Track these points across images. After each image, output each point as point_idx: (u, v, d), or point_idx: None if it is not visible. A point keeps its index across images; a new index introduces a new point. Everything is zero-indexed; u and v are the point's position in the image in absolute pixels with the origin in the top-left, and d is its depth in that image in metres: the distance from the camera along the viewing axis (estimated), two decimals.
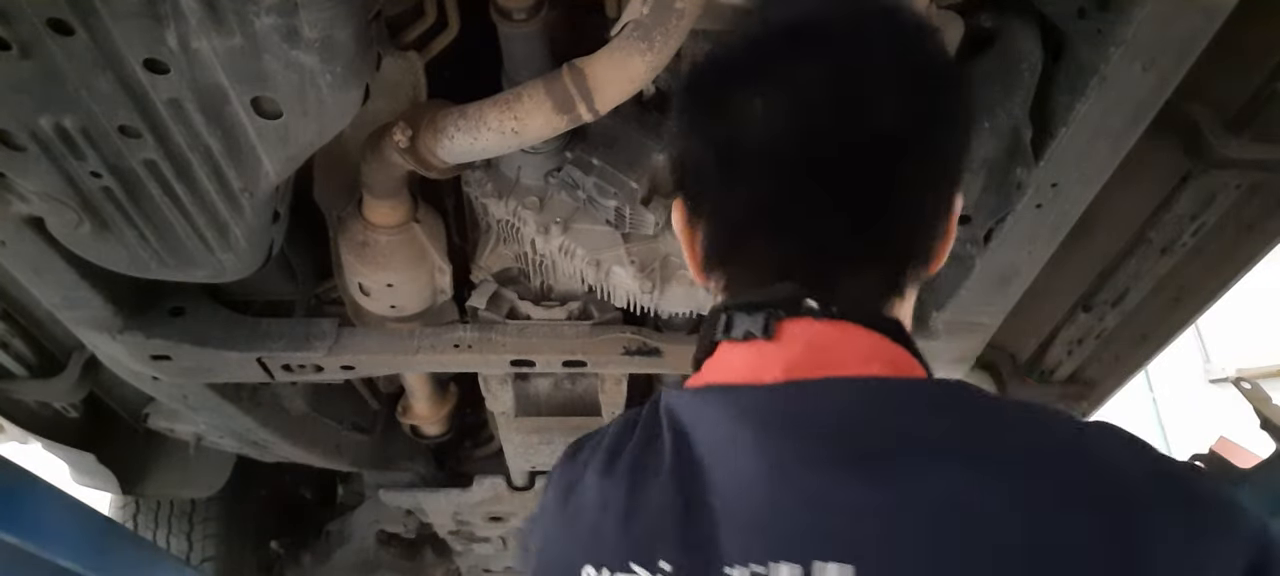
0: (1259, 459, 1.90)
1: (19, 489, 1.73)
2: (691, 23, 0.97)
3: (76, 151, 0.98)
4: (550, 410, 2.05)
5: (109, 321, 1.43)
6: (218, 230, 1.15)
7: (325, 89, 0.90)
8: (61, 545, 1.75)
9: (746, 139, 0.72)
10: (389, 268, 1.43)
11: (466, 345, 1.63)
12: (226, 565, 2.84)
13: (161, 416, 2.13)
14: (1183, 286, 1.91)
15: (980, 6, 1.18)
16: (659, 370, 1.78)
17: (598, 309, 1.66)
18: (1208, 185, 1.63)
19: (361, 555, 3.03)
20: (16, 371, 1.79)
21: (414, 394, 2.16)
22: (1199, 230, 1.74)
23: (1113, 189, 1.27)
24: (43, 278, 1.29)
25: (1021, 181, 1.22)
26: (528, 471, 2.48)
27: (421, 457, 2.56)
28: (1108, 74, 1.03)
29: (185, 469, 2.39)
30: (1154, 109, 1.11)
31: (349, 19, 0.85)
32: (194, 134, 0.97)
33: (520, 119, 1.08)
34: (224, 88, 0.90)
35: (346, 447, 2.29)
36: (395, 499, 2.60)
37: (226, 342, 1.55)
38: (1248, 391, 1.99)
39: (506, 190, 1.43)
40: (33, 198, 1.06)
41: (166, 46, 0.85)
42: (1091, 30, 1.04)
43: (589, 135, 1.35)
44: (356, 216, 1.39)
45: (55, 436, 2.08)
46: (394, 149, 1.15)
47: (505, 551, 3.01)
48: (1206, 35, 0.99)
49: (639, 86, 1.04)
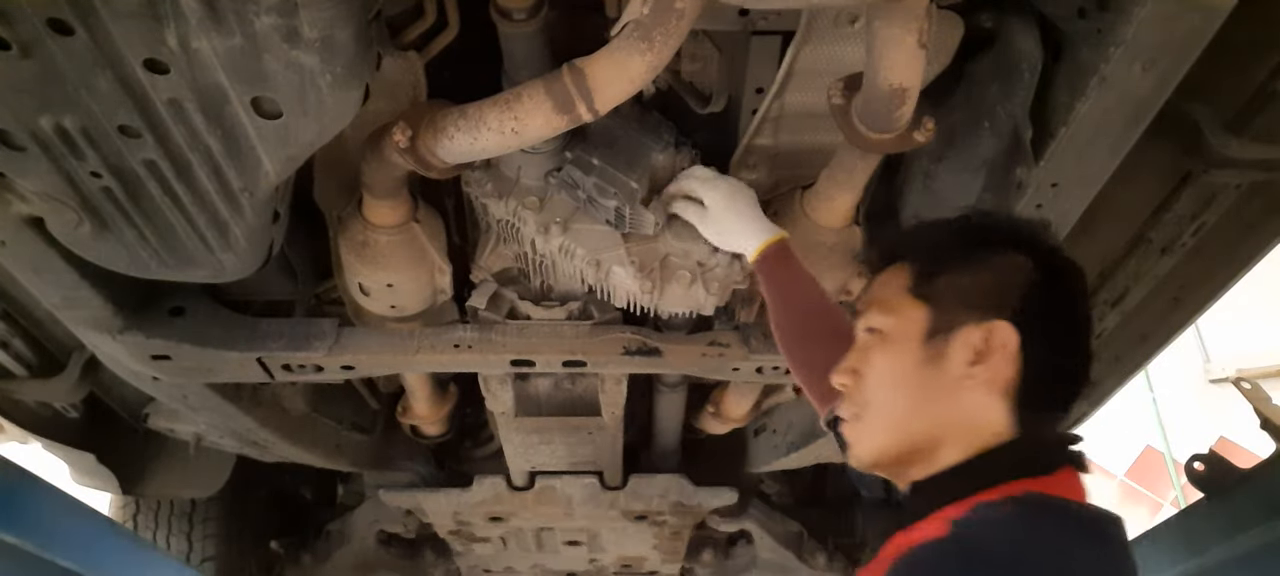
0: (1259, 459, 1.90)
1: (19, 489, 1.73)
2: (691, 23, 0.97)
3: (76, 151, 0.98)
4: (550, 410, 2.05)
5: (109, 321, 1.43)
6: (218, 230, 1.15)
7: (325, 89, 0.90)
8: (61, 545, 1.75)
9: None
10: (389, 268, 1.43)
11: (466, 345, 1.63)
12: (226, 565, 2.84)
13: (161, 416, 2.13)
14: (1183, 286, 1.91)
15: (980, 6, 1.18)
16: (659, 370, 1.78)
17: (598, 309, 1.66)
18: (1208, 185, 1.63)
19: (361, 555, 3.03)
20: (16, 371, 1.79)
21: (414, 394, 2.16)
22: (1199, 230, 1.74)
23: (1113, 189, 1.27)
24: (43, 278, 1.29)
25: (1021, 181, 1.22)
26: (528, 471, 2.48)
27: (421, 457, 2.56)
28: (1108, 74, 1.03)
29: (185, 469, 2.39)
30: (1154, 109, 1.11)
31: (349, 19, 0.85)
32: (194, 134, 0.97)
33: (520, 119, 1.08)
34: (224, 88, 0.91)
35: (346, 447, 2.29)
36: (395, 499, 2.60)
37: (226, 342, 1.55)
38: (1248, 391, 1.99)
39: (506, 190, 1.43)
40: (33, 198, 1.06)
41: (166, 46, 0.85)
42: (1091, 30, 1.04)
43: (589, 135, 1.35)
44: (356, 216, 1.39)
45: (55, 436, 2.08)
46: (394, 149, 1.15)
47: (505, 551, 3.01)
48: (1206, 35, 0.99)
49: (639, 86, 1.04)
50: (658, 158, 1.37)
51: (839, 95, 1.15)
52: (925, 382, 0.89)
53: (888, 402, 0.92)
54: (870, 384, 0.94)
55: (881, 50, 0.99)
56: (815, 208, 1.37)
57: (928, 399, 0.89)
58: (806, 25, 1.18)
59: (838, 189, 1.32)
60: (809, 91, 1.28)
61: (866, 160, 1.23)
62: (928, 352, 0.89)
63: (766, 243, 1.28)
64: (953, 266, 0.91)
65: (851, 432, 0.97)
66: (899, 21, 0.95)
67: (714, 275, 1.42)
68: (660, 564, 3.14)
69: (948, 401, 0.88)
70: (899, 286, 0.94)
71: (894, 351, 0.92)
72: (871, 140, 1.14)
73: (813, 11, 1.15)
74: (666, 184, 1.41)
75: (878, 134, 1.13)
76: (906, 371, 0.91)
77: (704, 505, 2.61)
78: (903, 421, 0.91)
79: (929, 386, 0.89)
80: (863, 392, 0.95)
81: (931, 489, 0.88)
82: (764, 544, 2.97)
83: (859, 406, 0.95)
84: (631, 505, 2.59)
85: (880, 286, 0.98)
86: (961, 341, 0.87)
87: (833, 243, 1.39)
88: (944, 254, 0.93)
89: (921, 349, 0.90)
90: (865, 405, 0.94)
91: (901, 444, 0.91)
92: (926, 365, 0.89)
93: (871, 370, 0.94)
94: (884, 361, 0.93)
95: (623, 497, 2.55)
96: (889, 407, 0.92)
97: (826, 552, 3.04)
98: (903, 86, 1.03)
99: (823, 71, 1.23)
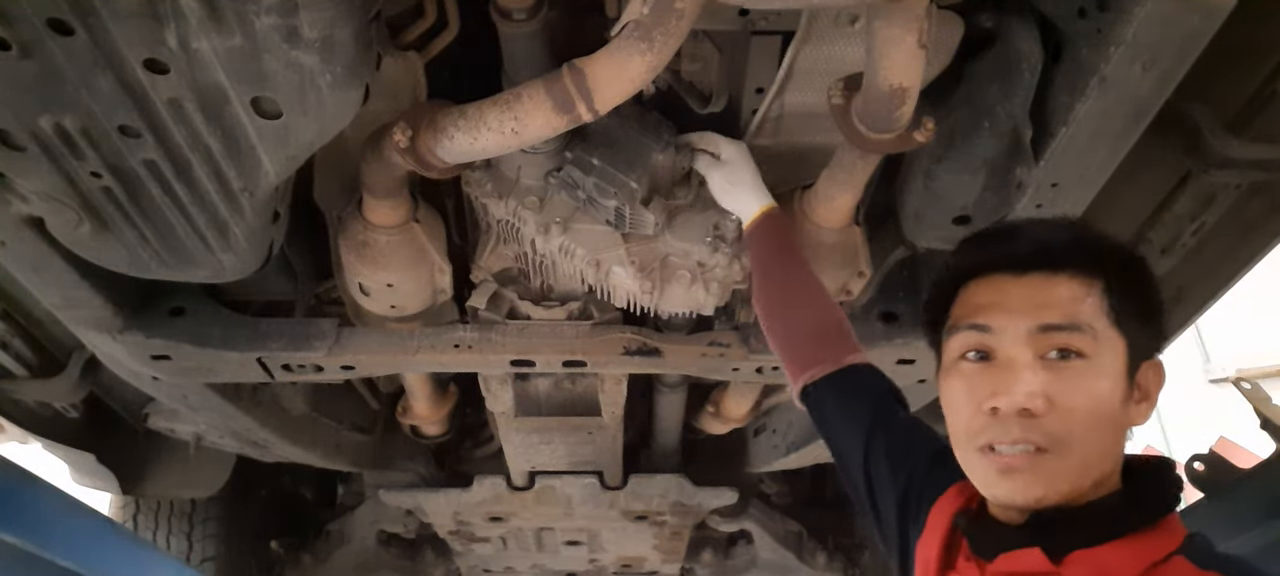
0: (1259, 459, 1.90)
1: (19, 489, 1.73)
2: (691, 23, 0.97)
3: (76, 151, 0.98)
4: (550, 410, 2.05)
5: (109, 321, 1.43)
6: (218, 230, 1.15)
7: (325, 89, 0.90)
8: (61, 545, 1.75)
9: None
10: (389, 268, 1.43)
11: (466, 345, 1.63)
12: (226, 565, 2.84)
13: (161, 416, 2.13)
14: (1183, 286, 1.90)
15: (980, 6, 1.18)
16: (659, 370, 1.78)
17: (598, 309, 1.66)
18: (1208, 185, 1.63)
19: (361, 555, 3.03)
20: (16, 371, 1.79)
21: (414, 394, 2.16)
22: (1199, 230, 1.73)
23: (1113, 189, 1.27)
24: (43, 277, 1.29)
25: (1021, 181, 1.22)
26: (528, 471, 2.48)
27: (421, 457, 2.56)
28: (1108, 74, 1.03)
29: (185, 469, 2.39)
30: (1154, 109, 1.11)
31: (349, 19, 0.85)
32: (194, 134, 0.97)
33: (520, 119, 1.08)
34: (224, 88, 0.91)
35: (346, 447, 2.29)
36: (395, 499, 2.60)
37: (226, 342, 1.55)
38: (1248, 391, 1.99)
39: (506, 190, 1.43)
40: (33, 197, 1.06)
41: (166, 46, 0.85)
42: (1091, 30, 1.04)
43: (589, 135, 1.35)
44: (356, 216, 1.39)
45: (55, 436, 2.08)
46: (394, 149, 1.15)
47: (505, 551, 3.01)
48: (1206, 35, 0.99)
49: (639, 86, 1.04)
50: (658, 158, 1.37)
51: (839, 95, 1.15)
52: (1118, 422, 0.84)
53: (1090, 442, 0.82)
54: (1075, 418, 0.82)
55: (881, 50, 0.99)
56: (815, 208, 1.37)
57: (1116, 439, 0.85)
58: (806, 25, 1.18)
59: (838, 189, 1.32)
60: (809, 91, 1.28)
61: (866, 160, 1.23)
62: (1126, 391, 0.84)
63: (765, 207, 1.32)
64: (1136, 292, 0.86)
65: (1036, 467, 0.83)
66: (899, 21, 0.95)
67: (714, 275, 1.42)
68: (660, 564, 3.14)
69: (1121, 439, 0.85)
70: (1096, 308, 0.84)
71: (1104, 386, 0.83)
72: (871, 140, 1.14)
73: (813, 11, 1.15)
74: (667, 184, 1.41)
75: (878, 134, 1.13)
76: (1112, 409, 0.83)
77: (704, 505, 2.61)
78: (1098, 463, 0.83)
79: (1120, 425, 0.84)
80: (1060, 425, 0.82)
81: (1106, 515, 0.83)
82: (764, 544, 2.98)
83: (1049, 439, 0.82)
84: (631, 505, 2.59)
85: (1072, 301, 0.84)
86: (1143, 378, 0.85)
87: (832, 242, 1.40)
88: (1131, 276, 0.86)
89: (1126, 385, 0.84)
90: (1061, 441, 0.82)
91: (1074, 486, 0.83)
92: (1123, 403, 0.84)
93: (1076, 402, 0.82)
94: (1091, 394, 0.82)
95: (623, 497, 2.55)
96: (1089, 447, 0.82)
97: (826, 552, 3.05)
98: (903, 86, 1.03)
99: (823, 71, 1.23)
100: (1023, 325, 0.84)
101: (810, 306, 1.24)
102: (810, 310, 1.24)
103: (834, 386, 1.16)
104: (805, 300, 1.25)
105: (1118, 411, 0.83)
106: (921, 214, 1.40)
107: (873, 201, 1.51)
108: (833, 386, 1.16)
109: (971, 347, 0.88)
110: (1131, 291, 0.85)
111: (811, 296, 1.25)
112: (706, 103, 1.36)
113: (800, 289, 1.26)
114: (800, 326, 1.24)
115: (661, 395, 2.20)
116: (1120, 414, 0.83)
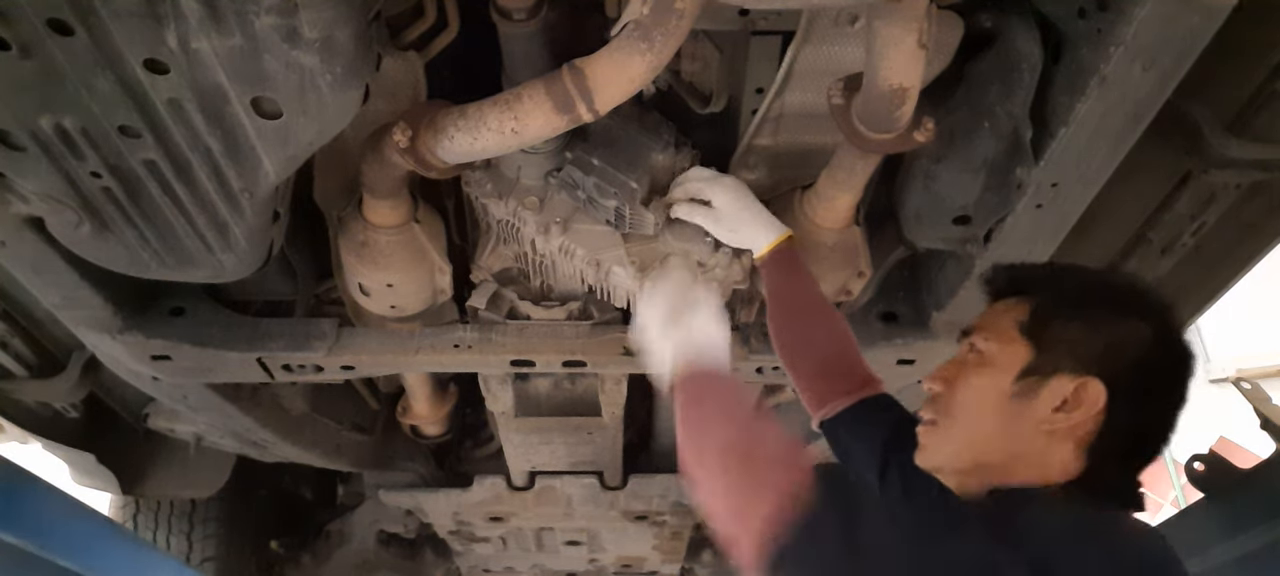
0: (1259, 459, 1.90)
1: (19, 489, 1.73)
2: (691, 23, 0.97)
3: (76, 151, 0.98)
4: (550, 410, 2.05)
5: (109, 321, 1.43)
6: (218, 230, 1.15)
7: (325, 89, 0.90)
8: (61, 545, 1.75)
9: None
10: (389, 268, 1.43)
11: (466, 345, 1.63)
12: (226, 565, 2.84)
13: (161, 416, 2.13)
14: (1183, 286, 1.90)
15: (980, 6, 1.18)
16: None
17: (598, 309, 1.66)
18: (1208, 185, 1.63)
19: (361, 555, 3.03)
20: (16, 371, 1.79)
21: (414, 394, 2.16)
22: (1199, 230, 1.73)
23: (1113, 189, 1.27)
24: (43, 277, 1.29)
25: (1021, 181, 1.22)
26: (528, 471, 2.48)
27: (421, 457, 2.56)
28: (1108, 74, 1.03)
29: (185, 469, 2.39)
30: (1154, 109, 1.11)
31: (349, 19, 0.85)
32: (194, 134, 0.97)
33: (520, 119, 1.08)
34: (224, 88, 0.91)
35: (346, 447, 2.29)
36: (395, 499, 2.60)
37: (226, 342, 1.55)
38: (1248, 391, 1.99)
39: (506, 190, 1.43)
40: (33, 198, 1.06)
41: (166, 46, 0.85)
42: (1091, 30, 1.04)
43: (589, 135, 1.35)
44: (356, 216, 1.39)
45: (55, 436, 2.08)
46: (394, 149, 1.15)
47: (505, 551, 3.01)
48: (1206, 35, 0.99)
49: (639, 86, 1.04)
50: (658, 158, 1.37)
51: (839, 95, 1.15)
52: (1008, 414, 0.95)
53: (968, 421, 0.99)
54: (957, 398, 1.00)
55: (881, 50, 0.99)
56: (815, 208, 1.37)
57: (1005, 429, 0.95)
58: (806, 25, 1.18)
59: (837, 189, 1.32)
60: (809, 91, 1.28)
61: (866, 160, 1.23)
62: (1019, 388, 0.95)
63: (776, 240, 1.33)
64: (1069, 315, 0.95)
65: (927, 436, 1.03)
66: (899, 21, 0.95)
67: (714, 275, 1.42)
68: (660, 564, 3.14)
69: (1026, 437, 0.94)
70: (1012, 319, 0.99)
71: (987, 376, 0.97)
72: (871, 140, 1.14)
73: (813, 11, 1.15)
74: (667, 184, 1.41)
75: (878, 134, 1.13)
76: (994, 398, 0.96)
77: None
78: (977, 442, 0.98)
79: (1011, 419, 0.95)
80: (948, 403, 1.01)
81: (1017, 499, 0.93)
82: None
83: (940, 414, 1.01)
84: (631, 505, 2.60)
85: (996, 313, 1.02)
86: (1053, 388, 0.93)
87: (832, 243, 1.40)
88: (1066, 301, 0.97)
89: (1013, 383, 0.95)
90: (947, 415, 1.01)
91: (969, 461, 0.98)
92: (1014, 399, 0.95)
93: (962, 385, 1.00)
94: (975, 382, 0.98)
95: (623, 497, 2.55)
96: (968, 426, 0.99)
97: None
98: (903, 86, 1.03)
99: (823, 71, 1.23)
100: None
101: (826, 341, 1.31)
102: (826, 345, 1.31)
103: (850, 419, 1.25)
104: (821, 335, 1.31)
105: (1011, 406, 0.95)
106: (921, 214, 1.40)
107: (873, 201, 1.51)
108: (849, 418, 1.25)
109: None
110: (1063, 310, 0.96)
111: (826, 330, 1.31)
112: (706, 103, 1.36)
113: (816, 323, 1.32)
114: (817, 360, 1.31)
115: (661, 395, 2.20)
116: (1017, 410, 0.94)
